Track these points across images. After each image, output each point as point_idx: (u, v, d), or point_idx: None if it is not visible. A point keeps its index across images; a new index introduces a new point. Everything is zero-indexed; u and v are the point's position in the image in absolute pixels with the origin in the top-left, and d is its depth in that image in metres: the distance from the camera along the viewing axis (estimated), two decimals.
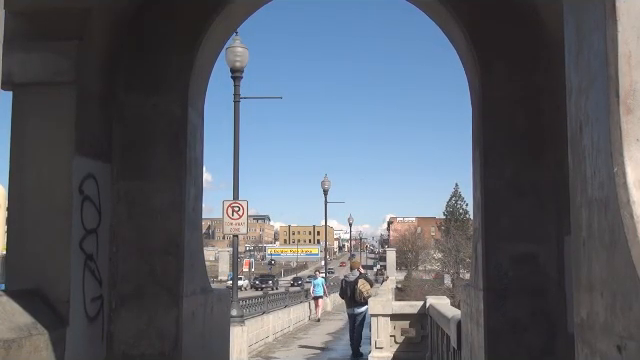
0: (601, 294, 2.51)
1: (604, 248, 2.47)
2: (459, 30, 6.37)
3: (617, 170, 2.32)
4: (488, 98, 6.19)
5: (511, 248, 5.89)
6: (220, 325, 7.35)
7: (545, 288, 5.79)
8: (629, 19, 2.39)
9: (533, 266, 5.85)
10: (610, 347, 2.35)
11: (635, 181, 2.27)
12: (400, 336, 14.56)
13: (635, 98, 2.35)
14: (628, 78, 2.36)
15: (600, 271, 2.53)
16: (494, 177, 6.06)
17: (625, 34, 2.39)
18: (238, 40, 17.56)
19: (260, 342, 20.42)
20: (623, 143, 2.33)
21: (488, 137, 6.17)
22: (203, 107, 6.94)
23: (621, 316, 2.27)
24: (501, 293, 5.86)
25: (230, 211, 17.14)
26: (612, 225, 2.35)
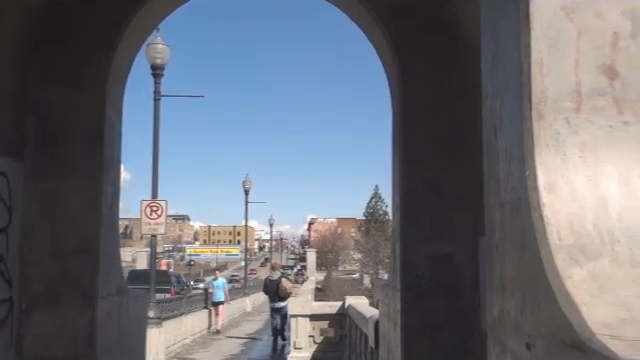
0: (512, 294, 2.58)
1: (516, 249, 2.55)
2: (380, 32, 6.45)
3: (529, 174, 2.40)
4: (408, 100, 6.30)
5: (428, 249, 6.01)
6: (137, 326, 7.20)
7: (461, 288, 5.93)
8: (542, 28, 2.48)
9: (449, 266, 5.98)
10: (520, 345, 2.42)
11: (545, 184, 2.35)
12: (319, 336, 14.64)
13: (547, 104, 2.43)
14: (540, 85, 2.44)
15: (512, 271, 2.61)
16: (413, 179, 6.17)
17: (538, 42, 2.47)
18: (159, 37, 17.29)
19: (178, 344, 20.12)
20: (535, 148, 2.40)
21: (407, 139, 6.27)
22: (122, 105, 6.79)
23: (530, 315, 2.35)
24: (418, 293, 5.97)
25: (148, 211, 16.85)
26: (523, 227, 2.43)
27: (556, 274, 2.17)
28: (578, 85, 2.44)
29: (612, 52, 2.46)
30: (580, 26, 2.48)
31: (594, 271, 2.18)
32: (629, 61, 2.45)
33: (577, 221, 2.29)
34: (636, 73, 2.45)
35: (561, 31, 2.47)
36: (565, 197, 2.34)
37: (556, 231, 2.26)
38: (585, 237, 2.26)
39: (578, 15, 2.48)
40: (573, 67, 2.46)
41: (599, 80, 2.44)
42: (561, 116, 2.42)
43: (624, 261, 2.21)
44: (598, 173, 2.37)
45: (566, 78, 2.45)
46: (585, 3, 2.49)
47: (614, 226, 2.28)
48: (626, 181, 2.36)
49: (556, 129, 2.41)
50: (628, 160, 2.39)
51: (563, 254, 2.21)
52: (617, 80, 2.44)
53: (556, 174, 2.37)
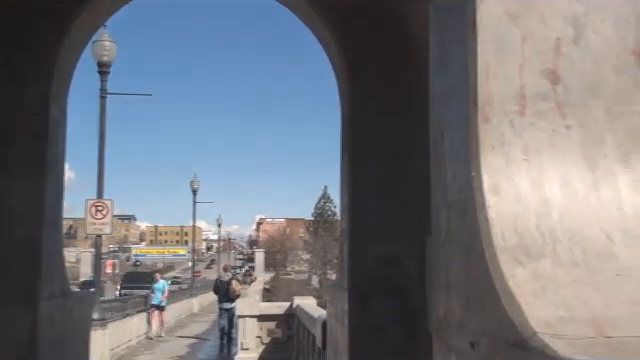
0: (457, 294, 2.62)
1: (461, 249, 2.59)
2: (329, 33, 6.47)
3: (474, 175, 2.44)
4: (356, 102, 6.33)
5: (376, 249, 6.05)
6: (80, 329, 7.07)
7: (408, 288, 5.99)
8: (488, 32, 2.52)
9: (397, 267, 6.03)
10: (464, 344, 2.46)
11: (490, 186, 2.39)
12: (267, 337, 14.62)
13: (492, 107, 2.48)
14: (486, 88, 2.48)
15: (457, 271, 2.65)
16: (361, 179, 6.20)
17: (484, 47, 2.51)
18: (106, 34, 17.01)
19: (123, 345, 19.83)
20: (480, 150, 2.44)
21: (356, 140, 6.31)
22: (66, 102, 6.66)
23: (475, 315, 2.39)
24: (365, 293, 6.00)
25: (94, 210, 16.56)
26: (469, 228, 2.47)
27: (500, 274, 2.21)
28: (523, 89, 2.49)
29: (555, 57, 2.52)
30: (525, 31, 2.53)
31: (536, 271, 2.23)
32: (571, 66, 2.52)
33: (521, 222, 2.34)
34: (578, 78, 2.51)
35: (506, 36, 2.52)
36: (509, 199, 2.39)
37: (500, 232, 2.30)
38: (528, 238, 2.31)
39: (523, 20, 2.53)
40: (518, 71, 2.51)
41: (543, 84, 2.50)
42: (506, 119, 2.47)
43: (565, 261, 2.26)
44: (541, 175, 2.43)
45: (511, 82, 2.50)
46: (529, 9, 2.55)
47: (556, 227, 2.34)
48: (567, 183, 2.42)
49: (501, 132, 2.46)
50: (569, 163, 2.45)
51: (507, 255, 2.25)
52: (560, 85, 2.50)
53: (501, 176, 2.41)
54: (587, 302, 2.13)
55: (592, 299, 2.15)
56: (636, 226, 2.37)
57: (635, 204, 2.42)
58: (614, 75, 2.53)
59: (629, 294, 2.18)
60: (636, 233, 2.35)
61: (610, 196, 2.44)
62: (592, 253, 2.29)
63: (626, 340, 1.99)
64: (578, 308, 2.11)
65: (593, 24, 2.55)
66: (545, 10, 2.55)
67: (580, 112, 2.50)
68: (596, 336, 2.01)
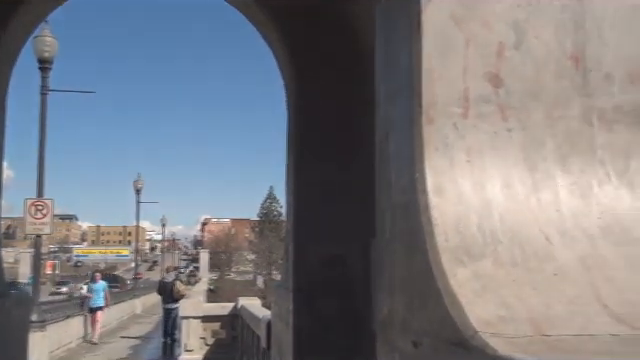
0: (401, 293, 2.65)
1: (405, 250, 2.61)
2: (278, 36, 6.46)
3: (418, 176, 2.47)
4: (303, 102, 6.34)
5: (321, 250, 6.07)
6: (18, 331, 6.89)
7: (353, 289, 6.02)
8: (432, 35, 2.55)
9: (342, 267, 6.05)
10: (407, 343, 2.49)
11: (434, 187, 2.42)
12: (211, 338, 14.52)
13: (436, 110, 2.51)
14: (430, 90, 2.51)
15: (401, 271, 2.67)
16: (307, 180, 6.21)
17: (429, 49, 2.54)
18: (47, 30, 16.63)
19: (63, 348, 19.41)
20: (424, 151, 2.47)
21: (302, 141, 6.31)
22: (5, 99, 6.48)
23: (418, 314, 2.42)
24: (310, 294, 6.01)
25: (33, 210, 16.18)
26: (412, 228, 2.49)
27: (442, 274, 2.24)
28: (466, 92, 2.54)
29: (498, 61, 2.57)
30: (468, 35, 2.57)
31: (477, 271, 2.26)
32: (513, 70, 2.57)
33: (463, 223, 2.38)
34: (519, 82, 2.57)
35: (450, 39, 2.56)
36: (452, 200, 2.42)
37: (443, 232, 2.33)
38: (470, 238, 2.34)
39: (467, 25, 2.57)
40: (461, 74, 2.55)
41: (485, 87, 2.54)
42: (450, 121, 2.50)
43: (505, 261, 2.31)
44: (483, 177, 2.47)
45: (455, 85, 2.54)
46: (473, 13, 2.59)
47: (497, 228, 2.38)
48: (508, 185, 2.47)
49: (445, 134, 2.49)
50: (510, 165, 2.50)
51: (449, 255, 2.29)
52: (502, 88, 2.55)
53: (444, 177, 2.45)
54: (526, 301, 2.18)
55: (531, 298, 2.20)
56: (573, 227, 2.43)
57: (572, 206, 2.48)
58: (553, 80, 2.59)
59: (566, 293, 2.23)
60: (573, 234, 2.42)
61: (549, 198, 2.50)
62: (531, 253, 2.34)
63: (563, 338, 2.04)
64: (517, 307, 2.15)
65: (534, 29, 2.61)
66: (488, 15, 2.60)
67: (521, 115, 2.55)
68: (534, 335, 2.05)
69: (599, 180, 2.55)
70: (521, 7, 2.61)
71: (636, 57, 2.66)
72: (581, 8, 2.64)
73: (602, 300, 2.24)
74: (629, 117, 2.60)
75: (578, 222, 2.47)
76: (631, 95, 2.62)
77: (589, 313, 2.18)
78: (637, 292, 2.29)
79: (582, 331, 2.10)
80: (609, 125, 2.59)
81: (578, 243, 2.41)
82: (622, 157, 2.58)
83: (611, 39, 2.65)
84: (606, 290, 2.28)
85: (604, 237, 2.45)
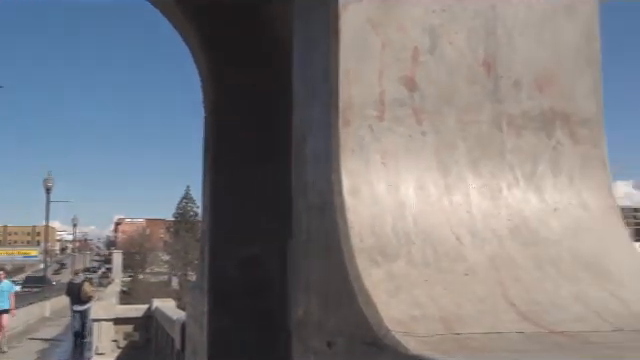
0: (316, 294, 2.66)
1: (321, 251, 2.63)
2: (194, 33, 6.39)
3: (334, 178, 2.49)
4: (221, 102, 6.29)
5: (237, 250, 6.03)
6: None
7: (269, 289, 6.01)
8: (350, 38, 2.58)
9: (258, 268, 6.03)
10: (322, 343, 2.50)
11: (349, 189, 2.45)
12: (123, 340, 14.21)
13: (353, 112, 2.54)
14: (347, 93, 2.54)
15: (317, 272, 2.69)
16: (224, 180, 6.16)
17: (346, 52, 2.57)
18: None
19: None
20: (340, 153, 2.49)
21: (219, 141, 6.26)
22: None
23: (333, 314, 2.44)
24: (226, 294, 5.97)
25: None
26: (328, 229, 2.51)
27: (357, 274, 2.26)
28: (382, 95, 2.57)
29: (413, 65, 2.62)
30: (385, 39, 2.61)
31: (391, 271, 2.30)
32: (427, 75, 2.62)
33: (378, 224, 2.41)
34: (433, 86, 2.63)
35: (367, 42, 2.59)
36: (367, 201, 2.45)
37: (358, 233, 2.36)
38: (384, 239, 2.38)
39: (383, 28, 2.61)
40: (377, 77, 2.58)
41: (401, 91, 2.59)
42: (365, 123, 2.54)
43: (418, 262, 2.36)
44: (398, 179, 2.51)
45: (371, 87, 2.57)
46: (390, 17, 2.63)
47: (410, 229, 2.43)
48: (422, 187, 2.52)
49: (361, 136, 2.52)
50: (424, 168, 2.55)
51: (364, 255, 2.32)
52: (416, 92, 2.60)
53: (359, 179, 2.48)
54: (438, 301, 2.23)
55: (442, 298, 2.25)
56: (483, 228, 2.51)
57: (483, 208, 2.56)
58: (466, 85, 2.66)
59: (476, 293, 2.30)
60: (483, 235, 2.49)
61: (461, 200, 2.56)
62: (443, 254, 2.40)
63: (472, 336, 2.10)
64: (429, 307, 2.20)
65: (448, 35, 2.67)
66: (404, 19, 2.65)
67: (435, 119, 2.61)
68: (445, 333, 2.10)
69: (508, 183, 2.64)
70: (436, 13, 2.67)
71: (543, 64, 2.76)
72: (493, 15, 2.72)
73: (510, 299, 2.32)
74: (536, 123, 2.70)
75: (488, 223, 2.54)
76: (538, 101, 2.72)
77: (497, 312, 2.26)
78: (543, 291, 2.39)
79: (491, 329, 2.17)
80: (518, 130, 2.68)
81: (488, 244, 2.49)
82: (530, 161, 2.68)
83: (521, 46, 2.74)
84: (514, 289, 2.36)
85: (512, 238, 2.53)
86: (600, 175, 2.77)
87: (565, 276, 2.46)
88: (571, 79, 2.79)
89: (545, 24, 2.78)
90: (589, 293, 2.42)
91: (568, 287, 2.42)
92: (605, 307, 2.37)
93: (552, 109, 2.73)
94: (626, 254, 2.65)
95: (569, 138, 2.74)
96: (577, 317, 2.30)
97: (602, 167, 2.78)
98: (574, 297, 2.39)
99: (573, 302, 2.37)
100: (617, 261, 2.58)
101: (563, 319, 2.27)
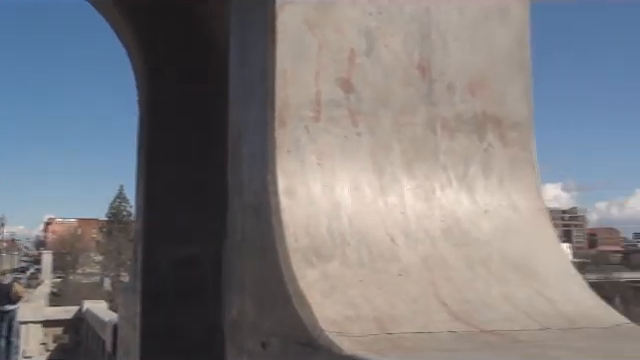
0: (251, 295, 2.65)
1: (256, 251, 2.62)
2: (130, 32, 6.29)
3: (270, 178, 2.48)
4: (156, 102, 6.20)
5: (171, 250, 5.95)
6: None
7: (203, 290, 5.95)
8: (287, 39, 2.58)
9: (193, 268, 5.97)
10: (256, 344, 2.49)
11: (285, 189, 2.44)
12: (52, 343, 13.86)
13: (289, 112, 2.53)
14: (283, 93, 2.54)
15: (252, 273, 2.67)
16: (158, 180, 6.08)
17: (283, 52, 2.57)
18: None
19: None
20: (276, 154, 2.49)
21: (154, 140, 6.17)
22: None
23: (267, 315, 2.43)
24: (159, 295, 5.88)
25: None
26: (263, 229, 2.50)
27: (292, 275, 2.26)
28: (318, 95, 2.58)
29: (349, 67, 2.63)
30: (322, 40, 2.62)
31: (326, 272, 2.31)
32: (363, 77, 2.64)
33: (313, 225, 2.42)
34: (369, 88, 2.65)
35: (304, 43, 2.60)
36: (303, 202, 2.45)
37: (293, 234, 2.36)
38: (319, 240, 2.39)
39: (320, 30, 2.62)
40: (314, 78, 2.59)
41: (337, 92, 2.60)
42: (302, 124, 2.54)
43: (353, 262, 2.37)
44: (333, 180, 2.52)
45: (307, 88, 2.57)
46: (327, 19, 2.64)
47: (345, 230, 2.44)
48: (357, 188, 2.54)
49: (297, 136, 2.52)
50: (359, 169, 2.57)
51: (299, 256, 2.32)
52: (353, 93, 2.62)
53: (295, 180, 2.48)
54: (372, 301, 2.25)
55: (376, 298, 2.27)
56: (417, 229, 2.54)
57: (417, 209, 2.59)
58: (401, 87, 2.69)
59: (409, 293, 2.33)
60: (417, 236, 2.52)
61: (395, 201, 2.59)
62: (377, 254, 2.42)
63: (405, 336, 2.13)
64: (363, 307, 2.22)
65: (384, 38, 2.70)
66: (341, 21, 2.66)
67: (370, 120, 2.63)
68: (379, 333, 2.12)
69: (441, 184, 2.68)
70: (372, 15, 2.69)
71: (476, 68, 2.82)
72: (428, 19, 2.76)
73: (442, 299, 2.35)
74: (468, 126, 2.76)
75: (421, 224, 2.58)
76: (471, 105, 2.77)
77: (430, 311, 2.29)
78: (474, 291, 2.43)
79: (423, 329, 2.20)
80: (451, 133, 2.73)
81: (421, 244, 2.52)
82: (462, 163, 2.73)
83: (454, 50, 2.79)
84: (446, 289, 2.40)
85: (445, 238, 2.58)
86: (529, 177, 2.84)
87: (495, 276, 2.51)
88: (503, 83, 2.85)
89: (478, 29, 2.84)
90: (518, 293, 2.48)
91: (498, 287, 2.48)
92: (533, 307, 2.43)
93: (484, 112, 2.79)
94: (553, 255, 2.72)
95: (500, 141, 2.80)
96: (506, 316, 2.35)
97: (531, 169, 2.86)
98: (503, 297, 2.44)
99: (503, 302, 2.42)
100: (545, 262, 2.65)
101: (493, 318, 2.32)
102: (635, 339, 2.32)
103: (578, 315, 2.45)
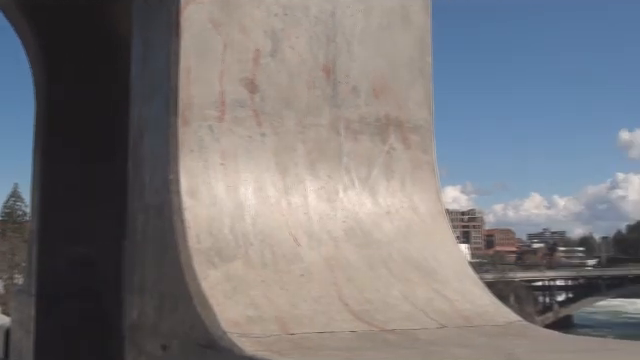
0: (152, 296, 2.60)
1: (157, 252, 2.57)
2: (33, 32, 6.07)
3: (172, 178, 2.44)
4: (54, 100, 6.00)
5: (69, 252, 5.77)
6: None
7: (102, 292, 5.79)
8: (191, 37, 2.54)
9: (91, 269, 5.80)
10: (156, 347, 2.45)
11: (188, 189, 2.41)
12: None
13: (192, 112, 2.50)
14: (187, 92, 2.50)
15: (152, 274, 2.63)
16: (55, 178, 5.88)
17: (187, 50, 2.53)
18: None
19: None
20: (179, 153, 2.45)
21: (51, 139, 5.97)
22: None
23: (168, 317, 2.39)
24: (55, 297, 5.69)
25: None
26: (165, 230, 2.46)
27: (193, 276, 2.24)
28: (222, 95, 2.56)
29: (254, 67, 2.63)
30: (226, 40, 2.60)
31: (229, 272, 2.30)
32: (268, 77, 2.64)
33: (216, 225, 2.40)
34: (274, 89, 2.65)
35: (209, 42, 2.57)
36: (206, 202, 2.43)
37: (195, 234, 2.33)
38: (222, 240, 2.37)
39: (225, 29, 2.60)
40: (219, 78, 2.57)
41: (241, 92, 2.59)
42: (205, 124, 2.51)
43: (255, 263, 2.37)
44: (237, 180, 2.51)
45: (212, 87, 2.55)
46: (232, 19, 2.62)
47: (249, 230, 2.43)
48: (261, 188, 2.54)
49: (200, 136, 2.50)
50: (263, 169, 2.57)
51: (201, 257, 2.29)
52: (257, 94, 2.61)
53: (198, 179, 2.45)
54: (274, 301, 2.25)
55: (279, 299, 2.27)
56: (320, 230, 2.56)
57: (320, 209, 2.61)
58: (306, 89, 2.71)
59: (311, 293, 2.34)
60: (319, 237, 2.54)
61: (299, 202, 2.60)
62: (280, 255, 2.42)
63: (307, 336, 2.14)
64: (266, 307, 2.22)
65: (289, 40, 2.70)
66: (247, 22, 2.65)
67: (275, 121, 2.63)
68: (281, 333, 2.13)
69: (344, 185, 2.71)
70: (278, 16, 2.70)
71: (380, 72, 2.87)
72: (333, 23, 2.79)
73: (344, 299, 2.38)
74: (372, 128, 2.80)
75: (324, 225, 2.60)
76: (374, 107, 2.82)
77: (331, 311, 2.31)
78: (375, 291, 2.47)
79: (325, 328, 2.22)
80: (354, 135, 2.77)
81: (324, 245, 2.55)
82: (365, 165, 2.77)
83: (359, 54, 2.83)
84: (347, 289, 2.43)
85: (347, 239, 2.61)
86: (430, 180, 2.92)
87: (396, 276, 2.56)
88: (405, 88, 2.92)
89: (382, 34, 2.89)
90: (417, 293, 2.54)
91: (398, 287, 2.53)
92: (432, 306, 2.49)
93: (387, 115, 2.84)
94: (452, 256, 2.80)
95: (402, 144, 2.86)
96: (406, 315, 2.40)
97: (432, 172, 2.93)
98: (404, 296, 2.49)
99: (403, 301, 2.47)
100: (443, 262, 2.72)
101: (393, 318, 2.36)
102: (526, 336, 2.42)
103: (474, 314, 2.53)
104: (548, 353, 2.15)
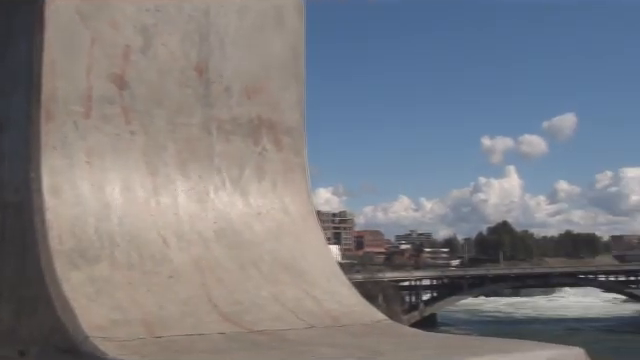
0: (9, 300, 2.47)
1: (17, 253, 2.45)
2: None
3: (34, 176, 2.34)
4: None
5: None
6: None
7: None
8: (56, 29, 2.44)
9: None
10: (13, 353, 2.33)
11: (50, 188, 2.32)
12: None
13: (56, 107, 2.41)
14: (51, 86, 2.40)
15: (10, 276, 2.50)
16: None
17: (51, 43, 2.43)
18: None
19: None
20: (41, 150, 2.35)
21: None
22: None
23: (27, 321, 2.28)
24: None
25: None
26: (25, 230, 2.35)
27: (54, 278, 2.15)
28: (89, 91, 2.47)
29: (123, 63, 2.56)
30: (95, 33, 2.52)
31: (93, 274, 2.22)
32: (139, 74, 2.58)
33: (80, 225, 2.31)
34: (144, 86, 2.59)
35: (76, 35, 2.48)
36: (69, 201, 2.34)
37: (57, 235, 2.24)
38: (86, 241, 2.29)
39: (93, 22, 2.51)
40: (86, 72, 2.48)
41: (110, 89, 2.51)
42: (70, 120, 2.42)
43: (122, 264, 2.30)
44: (103, 179, 2.43)
45: (78, 82, 2.46)
46: (101, 12, 2.54)
47: (115, 231, 2.37)
48: (129, 188, 2.47)
49: (64, 132, 2.40)
50: (132, 168, 2.50)
51: (63, 258, 2.21)
52: (126, 91, 2.55)
53: (62, 178, 2.36)
54: (140, 304, 2.20)
55: (145, 301, 2.23)
56: (190, 231, 2.53)
57: (190, 210, 2.58)
58: (178, 87, 2.67)
59: (179, 295, 2.31)
60: (189, 237, 2.51)
61: (169, 202, 2.56)
62: (148, 256, 2.37)
63: (174, 339, 2.11)
64: (131, 310, 2.16)
65: (161, 36, 2.65)
66: (117, 16, 2.58)
67: (144, 119, 2.58)
68: (147, 336, 2.08)
69: (215, 186, 2.69)
70: (150, 12, 2.64)
71: (253, 73, 2.87)
72: (206, 21, 2.77)
73: (213, 300, 2.36)
74: (244, 129, 2.80)
75: (194, 226, 2.57)
76: (247, 108, 2.82)
77: (200, 313, 2.29)
78: (245, 291, 2.47)
79: (193, 331, 2.19)
80: (226, 135, 2.76)
81: (194, 246, 2.52)
82: (237, 166, 2.76)
83: (232, 54, 2.82)
84: (217, 291, 2.41)
85: (218, 240, 2.59)
86: (301, 181, 2.95)
87: (266, 277, 2.58)
88: (278, 90, 2.93)
89: (255, 36, 2.89)
90: (287, 293, 2.56)
91: (268, 288, 2.54)
92: (301, 306, 2.52)
93: (259, 117, 2.85)
94: (321, 256, 2.85)
95: (274, 145, 2.87)
96: (275, 316, 2.42)
97: (303, 174, 2.97)
98: (273, 297, 2.51)
99: (272, 302, 2.48)
100: (313, 263, 2.76)
101: (262, 318, 2.37)
102: (391, 334, 2.50)
103: (342, 314, 2.58)
104: (411, 350, 2.23)
